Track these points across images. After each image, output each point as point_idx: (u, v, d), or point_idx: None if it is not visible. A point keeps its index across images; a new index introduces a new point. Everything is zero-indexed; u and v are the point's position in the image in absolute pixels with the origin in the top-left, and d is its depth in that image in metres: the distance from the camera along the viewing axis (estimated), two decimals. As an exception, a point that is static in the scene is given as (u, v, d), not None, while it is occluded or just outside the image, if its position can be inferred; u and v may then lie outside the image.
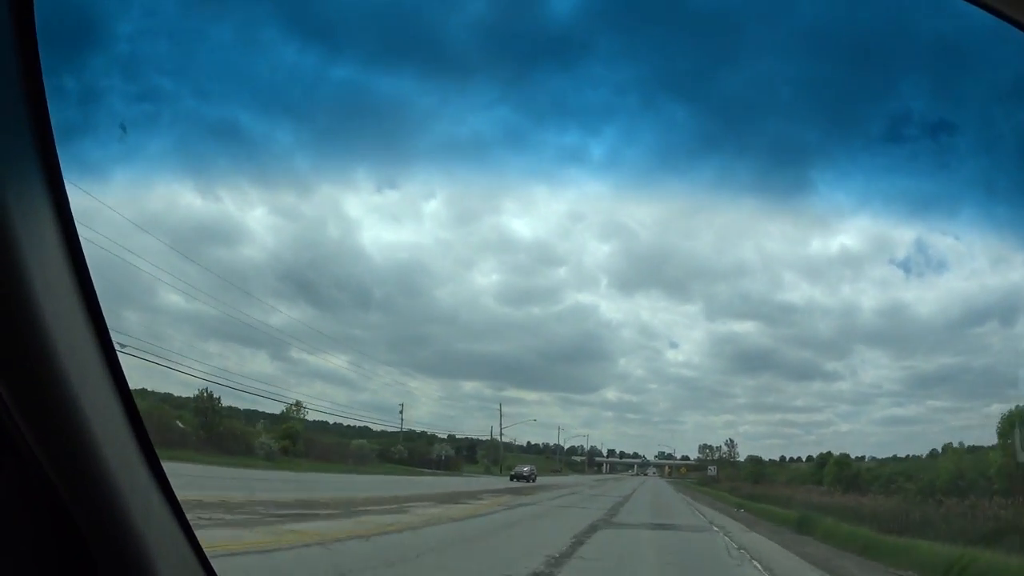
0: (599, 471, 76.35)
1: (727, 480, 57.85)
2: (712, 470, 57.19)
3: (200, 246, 53.05)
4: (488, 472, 61.89)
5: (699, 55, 33.89)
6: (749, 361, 62.00)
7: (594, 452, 75.62)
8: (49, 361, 1.53)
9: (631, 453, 74.26)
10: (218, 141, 39.23)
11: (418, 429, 59.26)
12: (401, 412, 57.40)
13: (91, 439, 1.66)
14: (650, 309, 69.91)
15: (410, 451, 59.69)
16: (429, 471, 53.75)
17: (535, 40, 32.23)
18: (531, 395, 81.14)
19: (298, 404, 49.47)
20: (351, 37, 33.53)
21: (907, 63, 31.33)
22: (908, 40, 30.56)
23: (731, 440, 62.55)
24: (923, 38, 27.86)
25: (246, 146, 36.20)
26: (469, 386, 74.31)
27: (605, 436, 74.78)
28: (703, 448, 71.24)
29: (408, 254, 59.35)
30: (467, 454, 63.39)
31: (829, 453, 51.07)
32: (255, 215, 54.31)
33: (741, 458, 61.28)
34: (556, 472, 69.80)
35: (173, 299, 43.18)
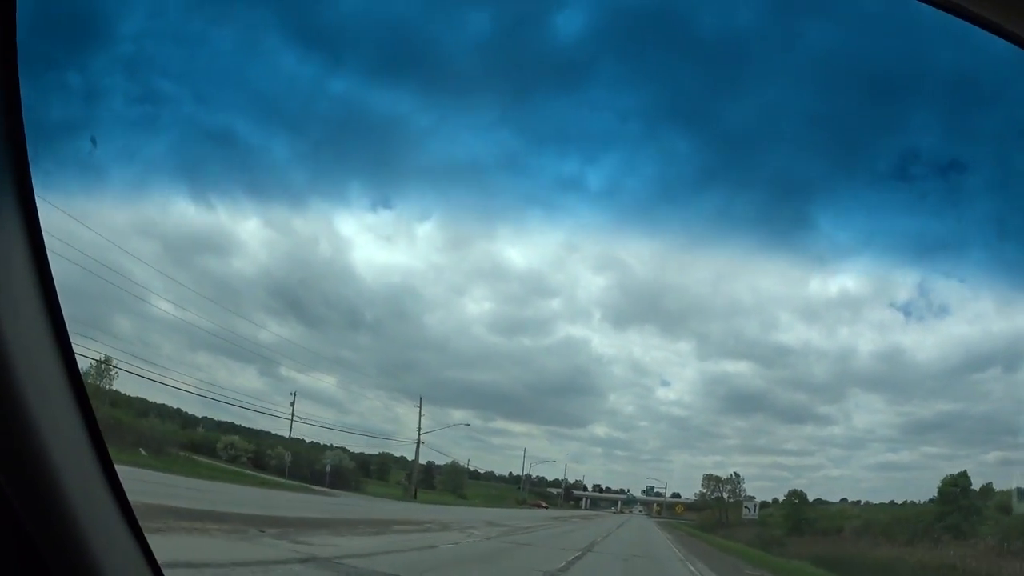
0: (576, 506, 68.13)
1: (740, 527, 45.03)
2: (751, 510, 34.94)
3: (192, 255, 52.60)
4: (405, 497, 49.90)
5: (704, 84, 31.38)
6: (741, 402, 59.19)
7: (576, 485, 68.75)
8: (5, 368, 1.52)
9: (617, 489, 68.41)
10: (214, 148, 37.49)
11: (397, 454, 54.05)
12: (292, 404, 47.13)
13: (45, 446, 1.62)
14: (642, 346, 67.23)
15: (296, 458, 48.01)
16: (295, 485, 41.86)
17: (537, 62, 30.03)
18: (519, 427, 79.84)
19: (107, 361, 38.24)
20: (352, 49, 32.39)
21: (919, 98, 29.58)
22: (921, 74, 28.95)
23: (736, 474, 50.75)
24: (937, 72, 26.67)
25: (241, 155, 34.97)
26: (457, 415, 69.93)
27: (593, 472, 72.34)
28: (708, 480, 54.97)
29: (400, 277, 58.53)
30: (423, 477, 55.83)
31: (964, 474, 27.70)
32: (248, 227, 50.82)
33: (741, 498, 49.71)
34: (522, 503, 61.72)
35: (162, 307, 41.71)
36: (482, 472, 61.88)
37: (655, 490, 66.84)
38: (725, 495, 56.24)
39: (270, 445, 50.25)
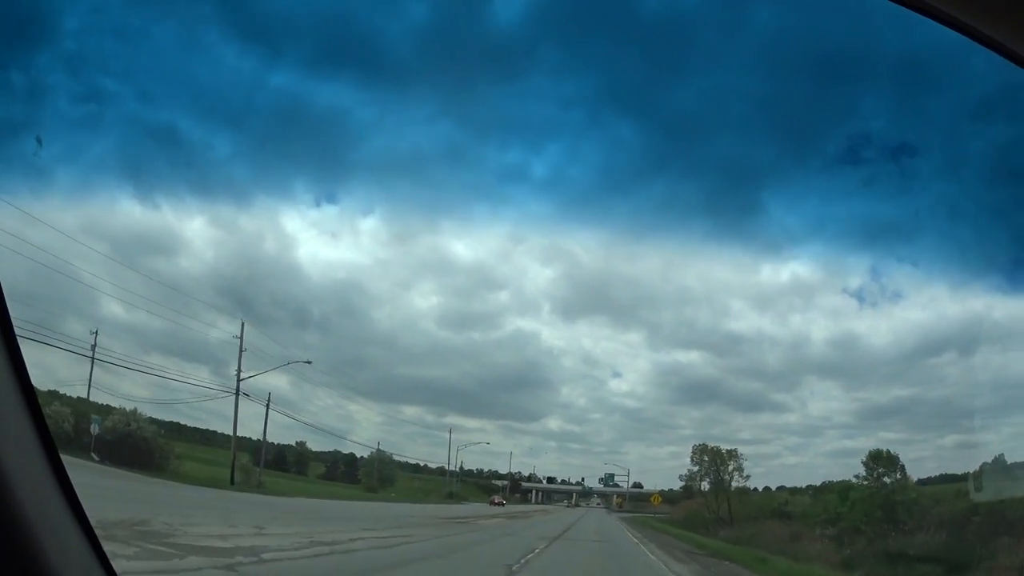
0: (525, 499, 62.82)
1: (749, 523, 32.28)
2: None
3: (139, 255, 50.32)
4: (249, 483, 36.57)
5: (648, 68, 30.61)
6: (695, 392, 57.98)
7: (530, 478, 64.72)
8: None
9: (573, 481, 63.46)
10: (158, 146, 36.27)
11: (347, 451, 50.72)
12: (92, 347, 36.26)
13: None
14: (593, 337, 65.31)
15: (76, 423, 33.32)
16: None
17: (478, 51, 28.76)
18: (472, 422, 77.27)
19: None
20: (291, 41, 30.55)
21: (870, 81, 27.77)
22: (871, 57, 26.44)
23: (733, 451, 39.16)
24: (888, 55, 25.44)
25: (185, 153, 33.97)
26: (410, 411, 64.24)
27: (548, 466, 67.68)
28: (700, 454, 40.53)
29: (346, 273, 54.60)
30: (345, 470, 50.66)
31: None
32: (193, 226, 47.66)
33: (744, 482, 38.61)
34: (452, 498, 53.93)
35: (113, 308, 40.02)
36: (433, 467, 57.03)
37: (614, 479, 57.20)
38: (728, 475, 37.12)
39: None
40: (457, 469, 58.02)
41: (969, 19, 1.58)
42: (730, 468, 37.12)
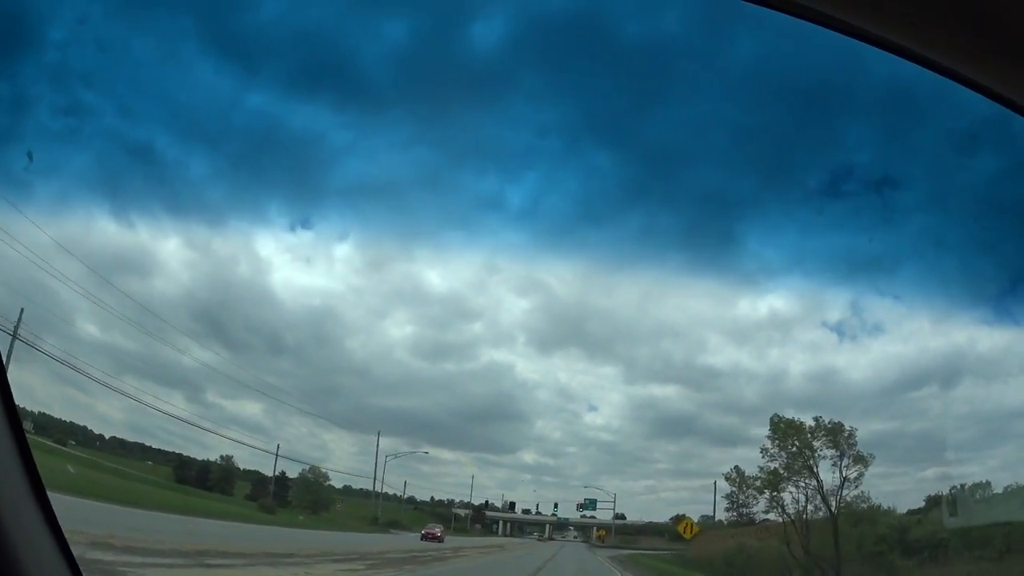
0: (489, 532, 56.54)
1: (861, 562, 23.15)
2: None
3: (114, 275, 46.03)
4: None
5: (627, 97, 27.38)
6: (671, 426, 54.46)
7: (497, 506, 58.86)
8: None
9: (549, 513, 57.25)
10: (136, 164, 34.97)
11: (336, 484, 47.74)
12: None
13: None
14: (568, 370, 60.49)
15: None
16: None
17: (455, 76, 25.92)
18: (447, 454, 74.17)
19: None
20: (269, 60, 28.93)
21: (853, 113, 26.80)
22: (855, 88, 25.77)
23: (839, 425, 26.44)
24: (872, 87, 23.73)
25: (161, 171, 31.93)
26: (385, 442, 53.96)
27: (523, 499, 61.81)
28: (781, 432, 27.26)
29: (320, 300, 52.63)
30: (274, 490, 46.76)
31: None
32: (168, 247, 45.45)
33: (857, 488, 25.19)
34: (377, 525, 48.17)
35: (89, 328, 37.79)
36: (403, 496, 54.21)
37: (596, 505, 50.67)
38: (840, 475, 22.52)
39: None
40: (429, 499, 55.57)
41: (951, 63, 1.57)
42: (844, 461, 21.08)
